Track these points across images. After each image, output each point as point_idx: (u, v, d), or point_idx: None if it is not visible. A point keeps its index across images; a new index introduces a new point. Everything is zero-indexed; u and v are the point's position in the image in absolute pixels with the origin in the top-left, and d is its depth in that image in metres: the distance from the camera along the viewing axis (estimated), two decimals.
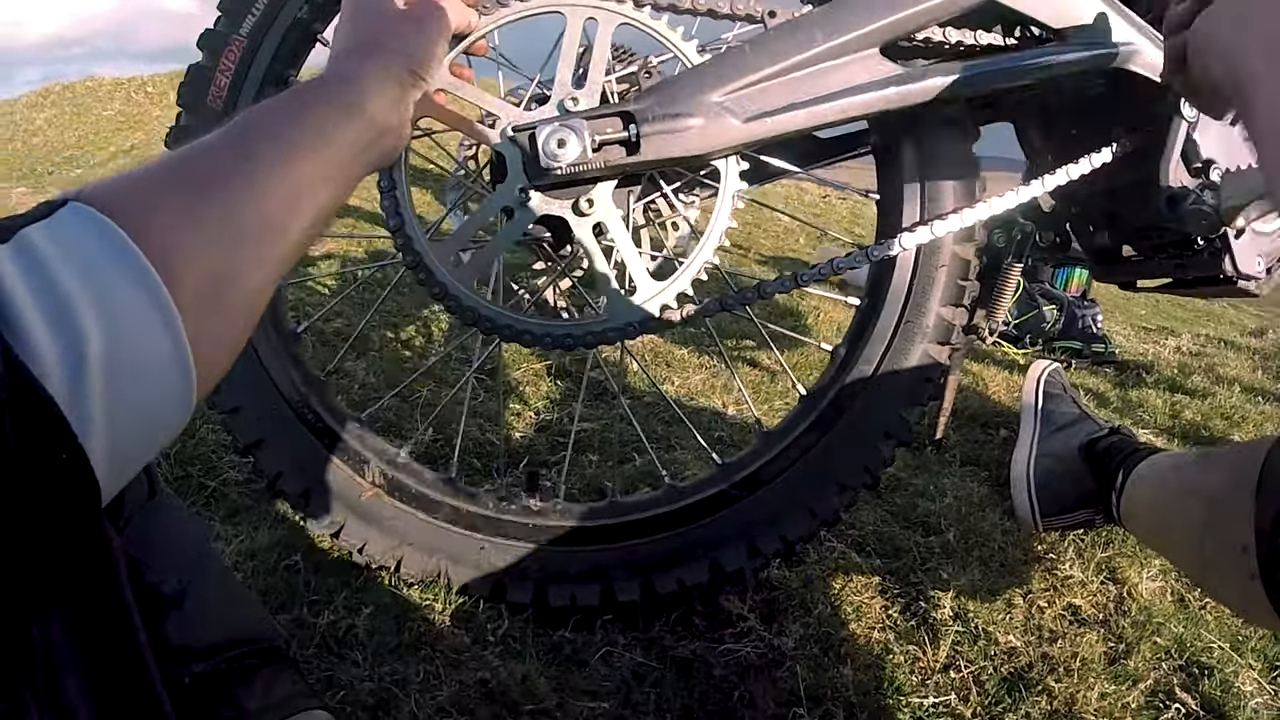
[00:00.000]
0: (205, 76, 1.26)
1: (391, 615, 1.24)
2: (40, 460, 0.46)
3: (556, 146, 1.06)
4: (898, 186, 1.30)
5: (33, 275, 0.48)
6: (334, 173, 0.74)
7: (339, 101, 0.76)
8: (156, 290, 0.54)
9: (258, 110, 0.71)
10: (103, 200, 0.55)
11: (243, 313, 0.64)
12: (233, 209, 0.62)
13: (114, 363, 0.50)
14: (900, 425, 1.31)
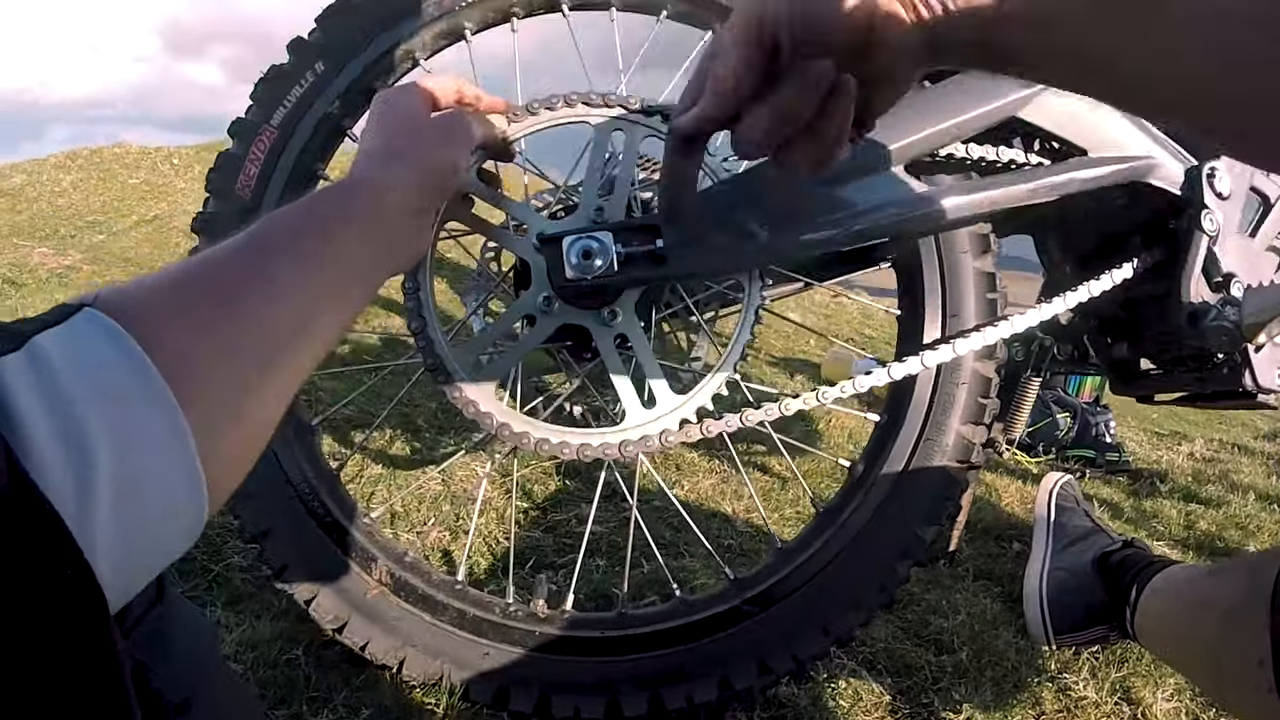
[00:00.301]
0: (235, 164, 1.27)
1: (392, 717, 1.22)
2: (44, 577, 0.45)
3: (583, 257, 1.06)
4: (919, 301, 1.30)
5: (44, 389, 0.48)
6: (352, 285, 0.73)
7: (359, 213, 0.76)
8: (170, 410, 0.53)
9: (275, 220, 0.70)
10: (118, 308, 0.54)
11: (256, 429, 0.63)
12: (247, 323, 0.61)
13: (123, 483, 0.49)
14: (917, 544, 1.29)
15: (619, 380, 1.13)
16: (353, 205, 0.76)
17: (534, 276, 1.11)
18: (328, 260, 0.70)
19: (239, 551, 1.55)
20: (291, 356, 0.65)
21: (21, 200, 6.86)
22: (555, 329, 1.13)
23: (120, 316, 0.54)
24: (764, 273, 1.17)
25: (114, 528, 0.48)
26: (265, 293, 0.63)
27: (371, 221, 0.76)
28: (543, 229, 1.10)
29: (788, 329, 4.61)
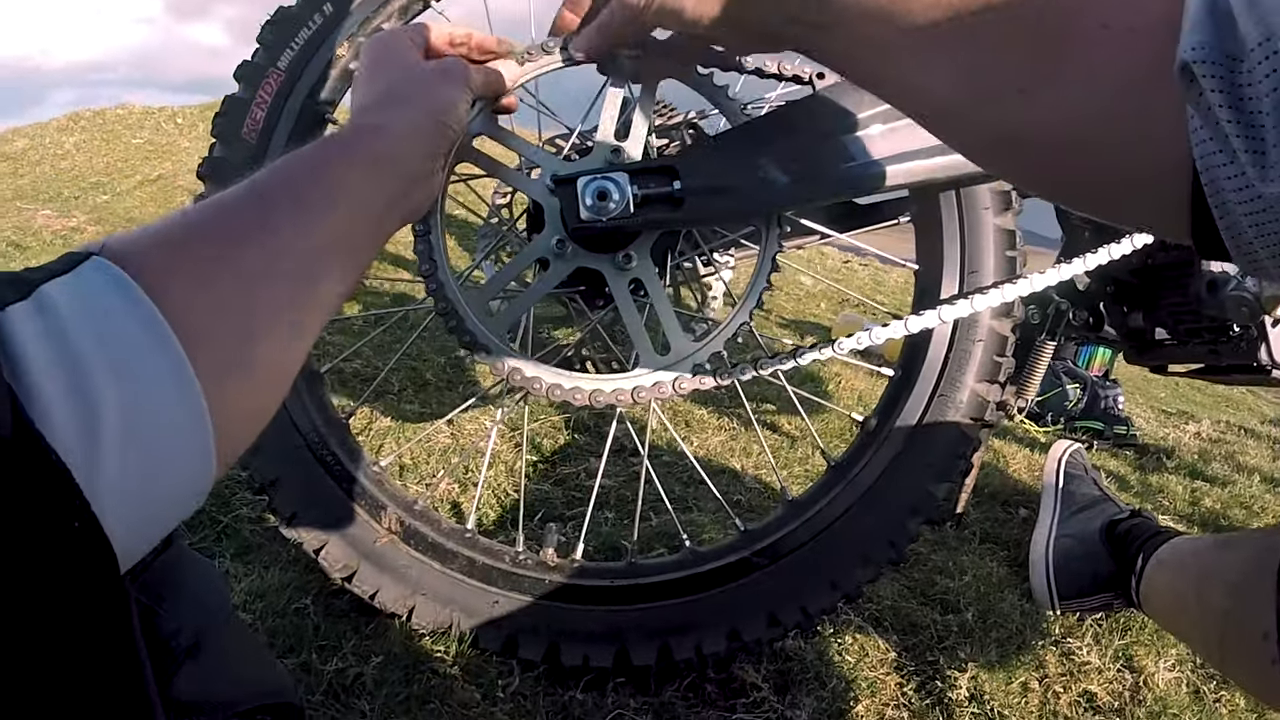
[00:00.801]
0: (241, 108, 1.25)
1: (401, 665, 1.21)
2: (50, 527, 0.44)
3: (598, 199, 1.05)
4: (938, 256, 1.29)
5: (51, 338, 0.47)
6: (361, 229, 0.72)
7: (365, 155, 0.74)
8: (177, 359, 0.52)
9: (280, 166, 0.69)
10: (124, 256, 0.54)
11: (267, 379, 0.61)
12: (252, 274, 0.60)
13: (130, 432, 0.48)
14: (928, 501, 1.29)
15: (633, 326, 1.12)
16: (355, 150, 0.74)
17: (547, 219, 1.10)
18: (332, 207, 0.68)
19: (247, 503, 1.54)
20: (299, 306, 0.64)
21: (24, 164, 6.84)
22: (569, 273, 1.12)
23: (127, 265, 0.53)
24: (782, 220, 1.16)
25: (121, 479, 0.48)
26: (269, 243, 0.62)
27: (376, 166, 0.75)
28: (557, 170, 1.08)
29: (799, 292, 4.60)
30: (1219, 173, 0.50)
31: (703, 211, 1.08)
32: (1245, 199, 0.49)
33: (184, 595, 0.81)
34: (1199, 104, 0.49)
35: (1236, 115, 0.48)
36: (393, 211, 0.77)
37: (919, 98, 0.72)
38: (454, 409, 1.50)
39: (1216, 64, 0.48)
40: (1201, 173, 0.51)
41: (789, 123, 1.10)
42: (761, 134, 1.09)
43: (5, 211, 4.79)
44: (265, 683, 0.87)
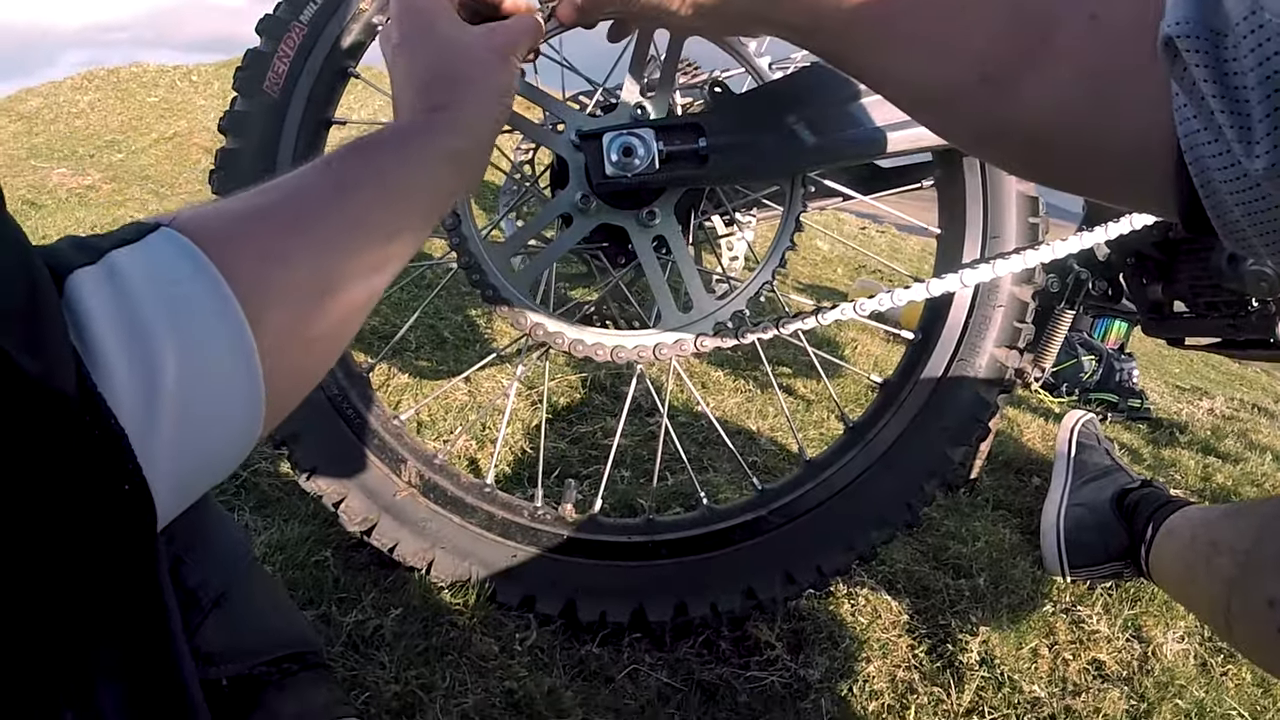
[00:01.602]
0: (263, 62, 1.24)
1: (420, 618, 1.22)
2: (102, 491, 0.45)
3: (624, 154, 1.05)
4: (960, 221, 1.29)
5: (117, 303, 0.47)
6: (430, 218, 0.73)
7: (446, 148, 0.74)
8: (240, 331, 0.52)
9: (361, 148, 0.69)
10: (195, 228, 0.54)
11: (324, 353, 0.63)
12: (326, 251, 0.60)
13: (187, 401, 0.49)
14: (945, 464, 1.29)
15: (656, 282, 1.12)
16: (437, 145, 0.74)
17: (571, 174, 1.10)
18: (413, 194, 0.69)
19: (266, 457, 1.56)
20: (366, 288, 0.65)
21: (38, 123, 6.84)
22: (591, 229, 1.12)
23: (196, 237, 0.53)
24: (806, 180, 1.15)
25: (173, 446, 0.48)
26: (347, 223, 0.63)
27: (455, 159, 0.75)
28: (582, 125, 1.08)
29: (815, 257, 4.59)
30: (1203, 150, 0.50)
31: (728, 169, 1.08)
32: (1231, 176, 0.49)
33: (210, 546, 0.82)
34: (1183, 80, 0.49)
35: (1221, 90, 0.47)
36: (456, 196, 0.79)
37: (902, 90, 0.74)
38: (471, 367, 1.50)
39: (1201, 39, 0.47)
40: (1185, 151, 0.51)
41: (816, 82, 1.09)
42: (788, 93, 1.09)
43: (20, 170, 4.80)
44: (290, 631, 0.89)
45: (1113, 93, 0.57)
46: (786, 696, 1.22)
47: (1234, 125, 0.47)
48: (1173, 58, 0.49)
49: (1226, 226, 0.52)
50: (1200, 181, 0.51)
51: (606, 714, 1.14)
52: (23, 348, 0.41)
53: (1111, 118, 0.58)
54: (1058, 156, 0.65)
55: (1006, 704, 1.28)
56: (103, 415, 0.45)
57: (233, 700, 0.79)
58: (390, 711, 1.06)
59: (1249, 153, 0.47)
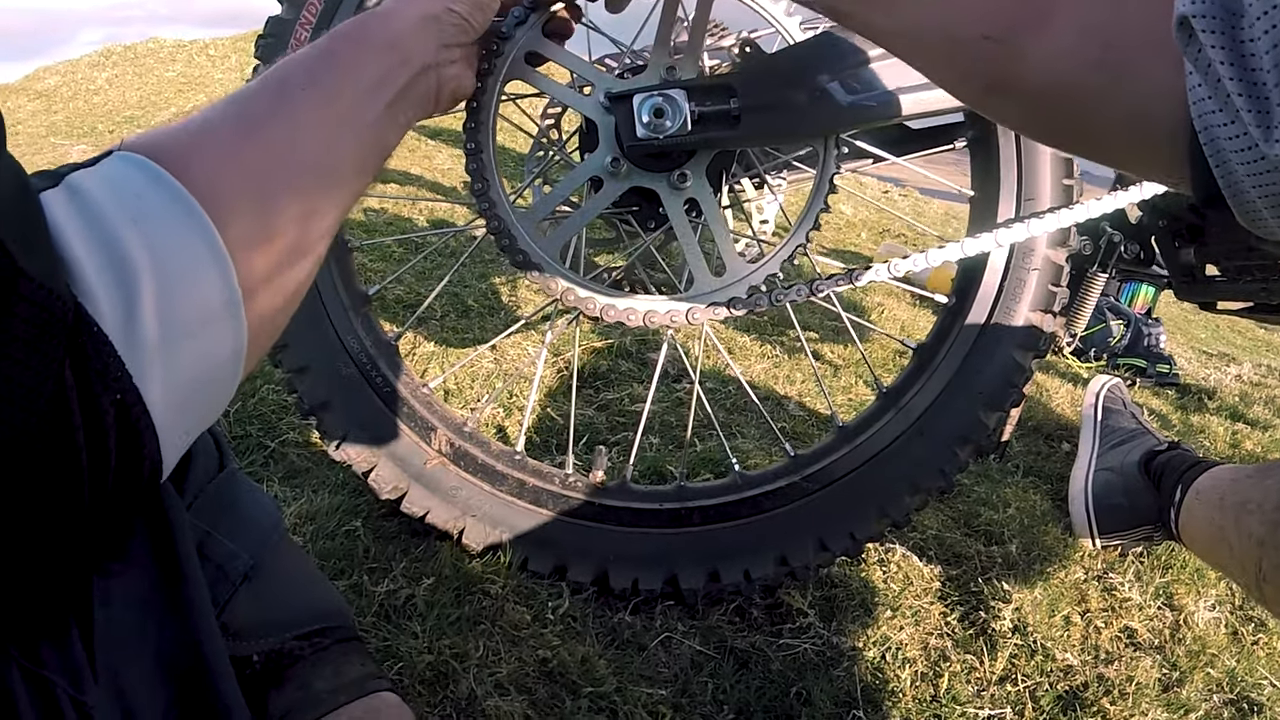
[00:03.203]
0: (285, 29, 1.23)
1: (452, 587, 1.22)
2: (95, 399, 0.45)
3: (655, 116, 1.03)
4: (994, 182, 1.26)
5: (84, 217, 0.48)
6: (374, 112, 0.73)
7: (374, 40, 0.75)
8: (206, 230, 0.53)
9: (294, 56, 0.71)
10: (145, 147, 0.55)
11: (295, 256, 0.62)
12: (273, 148, 0.61)
13: (166, 303, 0.49)
14: (979, 430, 1.27)
15: (689, 246, 1.10)
16: (363, 36, 0.76)
17: (601, 137, 1.08)
18: (346, 94, 0.70)
19: (294, 428, 1.56)
20: (322, 183, 0.65)
21: (57, 100, 6.86)
22: (622, 193, 1.11)
23: (150, 155, 0.54)
24: (840, 141, 1.13)
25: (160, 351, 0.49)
26: (287, 121, 0.64)
27: (386, 51, 0.76)
28: (611, 87, 1.06)
29: (839, 221, 4.56)
30: (1218, 132, 0.48)
31: (760, 130, 1.06)
32: (1248, 160, 0.47)
33: (238, 520, 0.81)
34: (1198, 60, 0.48)
35: (1239, 73, 0.46)
36: (406, 98, 0.78)
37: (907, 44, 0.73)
38: (496, 335, 1.50)
39: (1216, 18, 0.46)
40: (1200, 132, 0.49)
41: (848, 41, 1.07)
42: (821, 52, 1.07)
43: (40, 148, 4.81)
44: (321, 604, 0.88)
45: (1123, 61, 0.56)
46: (819, 664, 1.22)
47: (1251, 109, 0.46)
48: (1188, 37, 0.48)
49: (1243, 207, 0.50)
50: (1216, 162, 0.49)
51: (640, 682, 1.14)
52: (22, 249, 0.42)
53: (1120, 87, 0.57)
54: (1062, 120, 0.64)
55: (1039, 672, 1.28)
56: (87, 324, 0.45)
57: (264, 675, 0.79)
58: (424, 681, 1.06)
59: (1267, 137, 0.46)
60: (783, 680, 1.19)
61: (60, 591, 0.50)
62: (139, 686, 0.56)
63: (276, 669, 0.80)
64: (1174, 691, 1.28)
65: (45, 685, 0.49)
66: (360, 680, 0.83)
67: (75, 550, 0.49)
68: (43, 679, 0.49)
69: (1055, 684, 1.26)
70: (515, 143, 4.50)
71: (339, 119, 0.68)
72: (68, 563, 0.49)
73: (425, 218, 3.24)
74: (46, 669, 0.49)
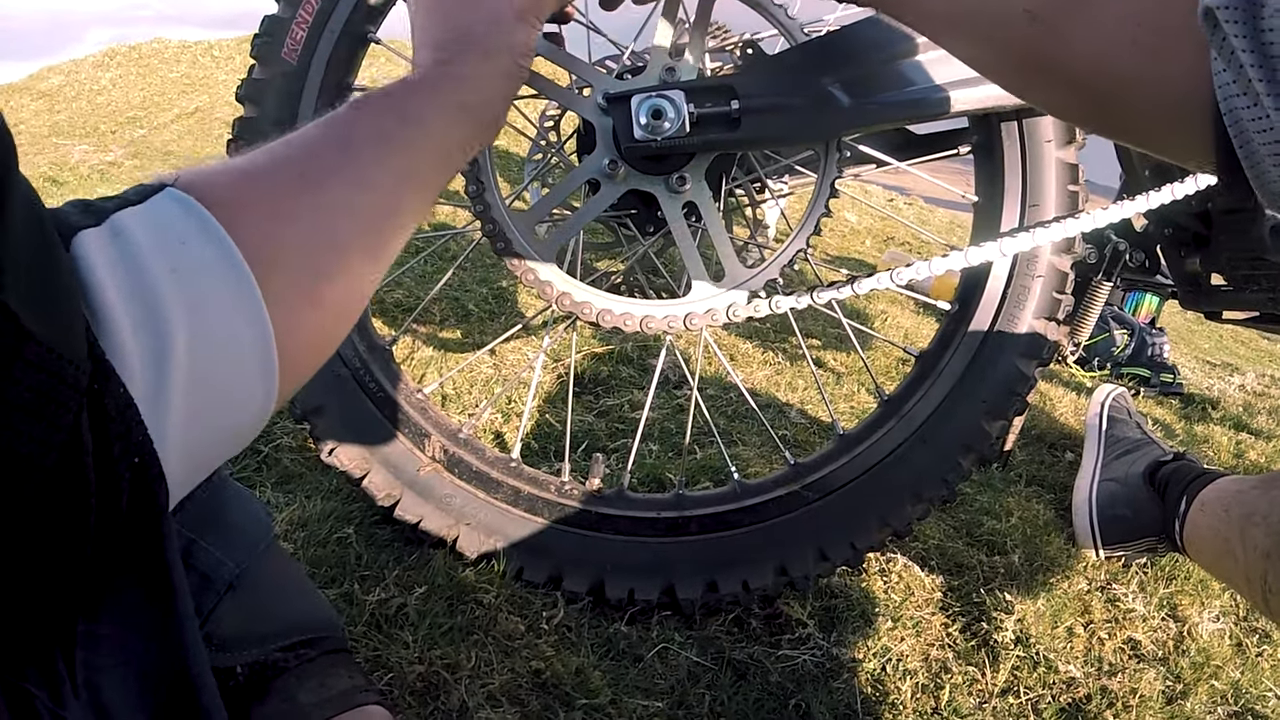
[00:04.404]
0: (281, 28, 1.21)
1: (444, 596, 1.20)
2: (113, 462, 0.43)
3: (653, 117, 1.02)
4: (998, 189, 1.25)
5: (124, 266, 0.46)
6: (439, 173, 0.72)
7: (451, 104, 0.73)
8: (250, 292, 0.51)
9: (364, 105, 0.68)
10: (200, 188, 0.52)
11: (338, 314, 0.61)
12: (332, 209, 0.59)
13: (198, 366, 0.47)
14: (982, 438, 1.26)
15: (687, 250, 1.09)
16: (442, 98, 0.73)
17: (599, 139, 1.07)
18: (417, 149, 0.68)
19: (288, 432, 1.54)
20: (376, 244, 0.64)
21: (60, 100, 6.87)
22: (619, 196, 1.09)
23: (202, 197, 0.52)
24: (841, 145, 1.12)
25: (185, 414, 0.47)
26: (351, 180, 0.62)
27: (461, 113, 0.74)
28: (610, 88, 1.05)
29: (844, 229, 4.54)
30: (1242, 115, 0.52)
31: (761, 132, 1.04)
32: (1269, 141, 0.51)
33: (226, 528, 0.80)
34: (1222, 48, 0.51)
35: (1259, 59, 0.49)
36: (466, 152, 0.77)
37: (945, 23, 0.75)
38: (496, 339, 1.48)
39: (1238, 9, 0.49)
40: (1225, 114, 0.53)
41: (851, 44, 1.06)
42: (823, 54, 1.05)
43: (42, 148, 4.81)
44: (308, 614, 0.87)
45: (1155, 45, 0.59)
46: (819, 675, 1.20)
47: (1270, 93, 0.49)
48: (1213, 27, 0.51)
49: (1264, 186, 0.54)
50: (1240, 144, 0.52)
51: (635, 694, 1.12)
52: (32, 309, 0.39)
53: (1153, 70, 0.60)
54: (1098, 101, 0.66)
55: (1042, 684, 1.26)
56: (112, 384, 0.43)
57: (248, 687, 0.77)
58: (414, 692, 1.05)
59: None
60: (781, 692, 1.17)
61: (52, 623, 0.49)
62: (120, 701, 0.54)
63: (261, 681, 0.79)
64: (1178, 704, 1.27)
65: (26, 697, 0.47)
66: (347, 693, 0.82)
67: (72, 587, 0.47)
68: (23, 691, 0.47)
69: (1058, 696, 1.24)
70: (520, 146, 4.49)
71: (404, 181, 0.66)
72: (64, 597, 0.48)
73: (427, 220, 3.23)
74: (28, 681, 0.48)
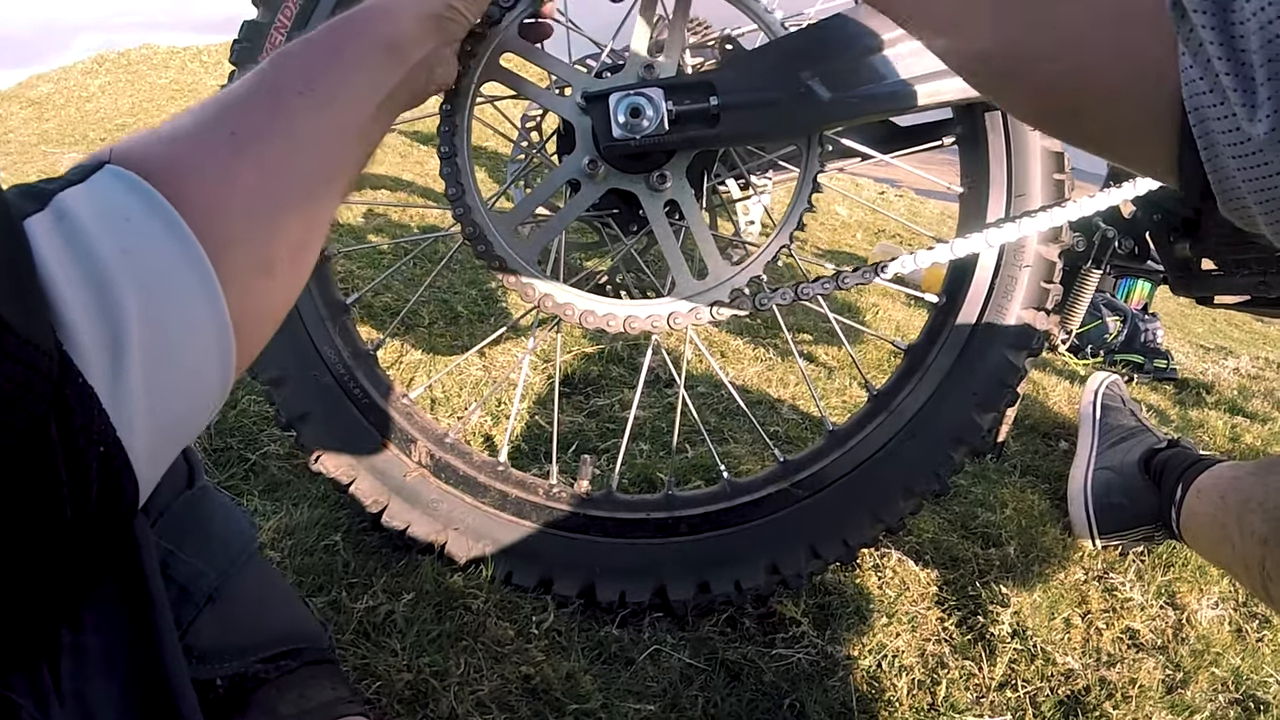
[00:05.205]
0: (260, 33, 1.21)
1: (433, 603, 1.19)
2: (79, 453, 0.42)
3: (631, 116, 1.01)
4: (983, 179, 1.24)
5: (72, 249, 0.44)
6: (373, 116, 0.70)
7: (377, 41, 0.72)
8: (199, 263, 0.50)
9: (286, 57, 0.66)
10: (139, 161, 0.51)
11: (289, 277, 0.60)
12: (272, 168, 0.58)
13: (154, 344, 0.46)
14: (973, 431, 1.25)
15: (669, 249, 1.08)
16: (367, 37, 0.72)
17: (578, 139, 1.06)
18: (344, 97, 0.67)
19: (275, 439, 1.53)
20: (318, 199, 0.63)
21: (49, 108, 6.84)
22: (600, 195, 1.08)
23: (142, 170, 0.51)
24: (823, 139, 1.11)
25: (145, 395, 0.46)
26: (285, 134, 0.60)
27: (388, 53, 0.73)
28: (588, 87, 1.04)
29: (834, 222, 4.53)
30: (1208, 112, 0.50)
31: (741, 128, 1.03)
32: (1233, 141, 0.49)
33: (206, 539, 0.79)
34: (1189, 40, 0.50)
35: (1227, 53, 0.48)
36: (401, 98, 0.76)
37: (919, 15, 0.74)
38: (484, 341, 1.47)
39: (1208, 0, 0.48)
40: (1190, 112, 0.51)
41: (830, 37, 1.05)
42: (802, 48, 1.04)
43: (30, 157, 4.79)
44: (290, 625, 0.86)
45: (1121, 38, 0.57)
46: (814, 674, 1.19)
47: (1237, 88, 0.48)
48: (1180, 17, 0.49)
49: (1227, 194, 0.52)
50: (1204, 144, 0.51)
51: (627, 697, 1.11)
52: (5, 301, 0.38)
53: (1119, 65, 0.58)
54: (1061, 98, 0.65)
55: (1040, 676, 1.25)
56: (70, 374, 0.42)
57: (228, 699, 0.76)
58: (403, 700, 1.04)
59: (1251, 116, 0.47)
60: (776, 692, 1.16)
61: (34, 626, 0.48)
62: (105, 711, 0.53)
63: (241, 693, 0.78)
64: (1178, 693, 1.26)
65: (11, 707, 0.46)
66: (329, 704, 0.81)
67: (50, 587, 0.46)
68: (9, 701, 0.46)
69: (1056, 688, 1.24)
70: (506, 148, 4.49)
71: (336, 127, 0.65)
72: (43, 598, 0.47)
73: (416, 223, 3.22)
74: (14, 691, 0.47)
